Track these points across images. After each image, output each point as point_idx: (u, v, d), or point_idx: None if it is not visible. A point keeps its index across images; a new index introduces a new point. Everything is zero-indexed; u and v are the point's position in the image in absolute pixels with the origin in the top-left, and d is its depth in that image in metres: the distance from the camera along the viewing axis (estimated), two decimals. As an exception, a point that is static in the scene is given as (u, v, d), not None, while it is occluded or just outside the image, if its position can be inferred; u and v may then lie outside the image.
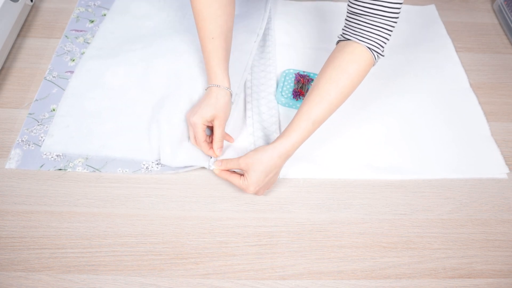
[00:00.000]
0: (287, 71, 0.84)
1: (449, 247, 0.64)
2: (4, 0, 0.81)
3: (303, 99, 0.79)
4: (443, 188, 0.71)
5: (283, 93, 0.80)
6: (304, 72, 0.83)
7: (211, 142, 0.68)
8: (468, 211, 0.68)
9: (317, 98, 0.63)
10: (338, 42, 0.67)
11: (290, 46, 0.90)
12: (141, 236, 0.63)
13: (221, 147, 0.67)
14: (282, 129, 0.76)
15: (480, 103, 0.83)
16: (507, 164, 0.74)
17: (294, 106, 0.79)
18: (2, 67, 0.82)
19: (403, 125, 0.78)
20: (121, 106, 0.77)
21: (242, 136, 0.75)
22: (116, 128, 0.74)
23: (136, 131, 0.74)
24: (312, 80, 0.82)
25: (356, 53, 0.63)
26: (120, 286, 0.58)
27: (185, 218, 0.65)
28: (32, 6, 0.95)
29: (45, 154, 0.71)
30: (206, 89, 0.69)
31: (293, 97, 0.79)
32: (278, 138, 0.63)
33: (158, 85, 0.79)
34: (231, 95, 0.69)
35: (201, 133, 0.66)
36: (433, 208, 0.68)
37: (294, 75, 0.83)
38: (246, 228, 0.65)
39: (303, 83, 0.81)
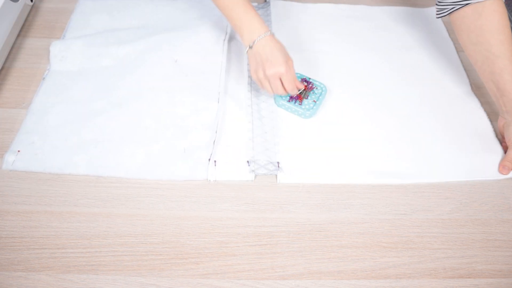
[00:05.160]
0: None
1: (449, 247, 0.64)
2: (4, 0, 0.81)
3: (299, 103, 0.78)
4: (443, 188, 0.71)
5: (282, 95, 0.79)
6: (310, 79, 0.82)
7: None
8: (468, 211, 0.68)
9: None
10: (455, 9, 0.73)
11: (291, 50, 0.90)
12: (141, 236, 0.63)
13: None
14: (280, 133, 0.75)
15: (480, 103, 0.82)
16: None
17: (289, 110, 0.79)
18: (2, 67, 0.82)
19: (404, 128, 0.78)
20: (83, 119, 0.74)
21: (241, 141, 0.74)
22: (78, 144, 0.71)
23: (101, 146, 0.71)
24: (315, 88, 0.81)
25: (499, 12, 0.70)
26: (120, 286, 0.58)
27: (185, 218, 0.65)
28: (32, 6, 0.95)
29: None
30: (254, 43, 0.71)
31: (289, 100, 0.78)
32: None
33: (126, 97, 0.78)
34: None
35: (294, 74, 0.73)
36: (433, 208, 0.68)
37: (299, 79, 0.82)
38: (246, 228, 0.65)
39: (305, 89, 0.80)
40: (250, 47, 0.72)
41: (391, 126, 0.78)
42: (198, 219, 0.65)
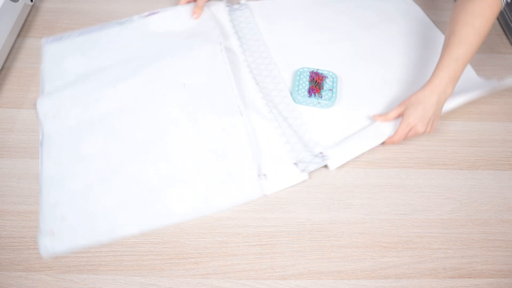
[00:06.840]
0: (301, 70, 0.83)
1: (449, 247, 0.64)
2: (4, 0, 0.81)
3: (318, 96, 0.79)
4: (443, 188, 0.71)
5: (300, 92, 0.79)
6: (317, 69, 0.83)
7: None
8: (468, 211, 0.68)
9: (456, 40, 0.70)
10: None
11: (284, 46, 0.90)
12: (141, 236, 0.63)
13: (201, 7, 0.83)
14: (309, 127, 0.75)
15: (480, 102, 0.82)
16: (507, 163, 0.74)
17: (311, 104, 0.79)
18: (2, 67, 0.82)
19: None
20: (109, 177, 0.67)
21: (278, 146, 0.72)
22: (116, 202, 0.65)
23: (143, 199, 0.65)
24: (326, 77, 0.82)
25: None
26: (120, 286, 0.58)
27: (185, 218, 0.65)
28: (32, 6, 0.95)
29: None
30: None
31: (309, 95, 0.79)
32: (429, 79, 0.71)
33: (149, 139, 0.71)
34: None
35: None
36: (433, 208, 0.68)
37: (308, 73, 0.83)
38: (246, 228, 0.65)
39: (317, 81, 0.81)
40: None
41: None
42: (198, 219, 0.65)
